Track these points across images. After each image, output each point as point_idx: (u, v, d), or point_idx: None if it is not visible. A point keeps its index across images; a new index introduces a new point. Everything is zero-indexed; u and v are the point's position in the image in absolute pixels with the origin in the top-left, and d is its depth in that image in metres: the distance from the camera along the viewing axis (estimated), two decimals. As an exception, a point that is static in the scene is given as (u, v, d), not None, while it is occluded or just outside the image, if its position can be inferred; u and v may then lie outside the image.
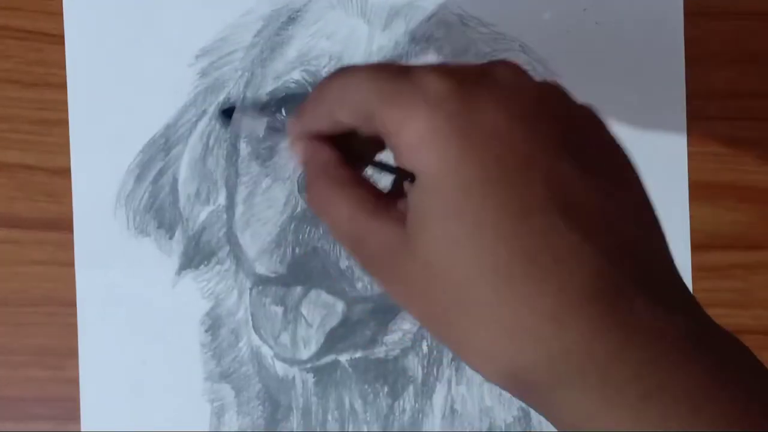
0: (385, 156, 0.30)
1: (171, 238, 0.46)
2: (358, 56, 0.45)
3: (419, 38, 0.45)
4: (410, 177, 0.27)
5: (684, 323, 0.25)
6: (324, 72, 0.45)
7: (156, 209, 0.46)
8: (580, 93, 0.45)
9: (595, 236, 0.25)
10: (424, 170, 0.26)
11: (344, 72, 0.29)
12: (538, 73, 0.46)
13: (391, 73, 0.28)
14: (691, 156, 0.46)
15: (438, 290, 0.26)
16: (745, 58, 0.47)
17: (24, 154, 0.46)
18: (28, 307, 0.45)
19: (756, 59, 0.47)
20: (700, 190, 0.46)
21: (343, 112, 0.29)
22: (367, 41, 0.45)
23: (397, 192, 0.30)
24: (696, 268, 0.46)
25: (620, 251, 0.25)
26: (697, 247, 0.46)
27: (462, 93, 0.26)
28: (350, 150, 0.31)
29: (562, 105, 0.28)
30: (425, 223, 0.26)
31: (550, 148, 0.26)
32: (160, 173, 0.46)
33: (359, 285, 0.45)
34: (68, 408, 0.45)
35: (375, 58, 0.45)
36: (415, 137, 0.26)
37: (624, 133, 0.46)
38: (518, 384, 0.26)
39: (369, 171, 0.34)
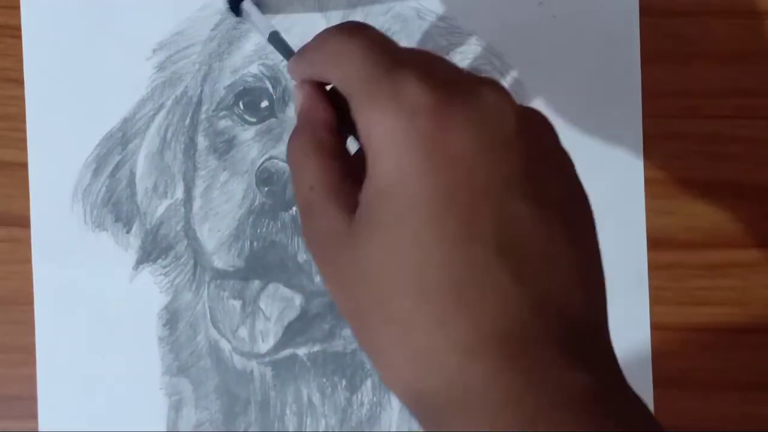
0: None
1: (128, 232, 0.46)
2: (315, 50, 0.45)
3: (376, 32, 0.45)
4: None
5: (590, 383, 0.25)
6: (282, 66, 0.45)
7: (113, 203, 0.46)
8: (537, 86, 0.46)
9: (527, 282, 0.25)
10: (381, 175, 0.26)
11: (349, 34, 0.28)
12: (494, 67, 0.46)
13: (383, 64, 0.27)
14: (689, 154, 0.46)
15: (365, 292, 0.26)
16: (742, 57, 0.47)
17: (23, 153, 0.46)
18: (28, 305, 0.45)
19: (753, 58, 0.47)
20: (697, 189, 0.46)
21: (333, 76, 0.29)
22: (324, 35, 0.45)
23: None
24: (695, 267, 0.46)
25: (548, 303, 0.25)
26: (695, 245, 0.46)
27: (438, 111, 0.25)
28: (346, 115, 0.29)
29: (538, 142, 0.27)
30: (369, 224, 0.26)
31: (511, 183, 0.26)
32: (118, 167, 0.46)
33: (317, 279, 0.45)
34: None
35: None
36: (381, 141, 0.26)
37: (579, 126, 0.46)
38: (420, 407, 0.26)
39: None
